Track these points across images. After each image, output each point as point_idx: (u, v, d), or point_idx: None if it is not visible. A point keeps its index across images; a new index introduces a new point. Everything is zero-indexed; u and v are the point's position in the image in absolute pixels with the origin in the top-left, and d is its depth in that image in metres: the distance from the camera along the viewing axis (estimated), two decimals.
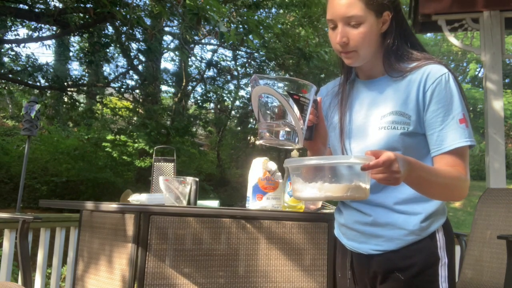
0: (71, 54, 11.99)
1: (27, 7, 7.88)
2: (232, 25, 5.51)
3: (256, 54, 11.43)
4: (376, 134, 1.17)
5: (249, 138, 14.86)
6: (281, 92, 1.05)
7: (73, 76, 11.98)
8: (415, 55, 1.19)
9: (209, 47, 13.50)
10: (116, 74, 12.07)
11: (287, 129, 1.06)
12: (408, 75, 1.16)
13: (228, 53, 13.04)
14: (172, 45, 11.85)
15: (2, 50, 9.62)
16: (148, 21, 8.33)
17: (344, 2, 1.11)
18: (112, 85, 11.60)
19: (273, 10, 10.88)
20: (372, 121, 1.18)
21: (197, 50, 13.06)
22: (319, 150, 1.23)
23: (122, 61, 12.21)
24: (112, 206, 1.76)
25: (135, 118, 12.08)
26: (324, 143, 1.23)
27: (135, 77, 12.28)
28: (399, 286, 1.14)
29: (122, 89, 11.70)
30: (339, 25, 1.13)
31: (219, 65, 12.89)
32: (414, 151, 1.14)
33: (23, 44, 8.93)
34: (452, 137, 1.11)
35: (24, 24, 8.60)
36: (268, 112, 1.07)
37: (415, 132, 1.15)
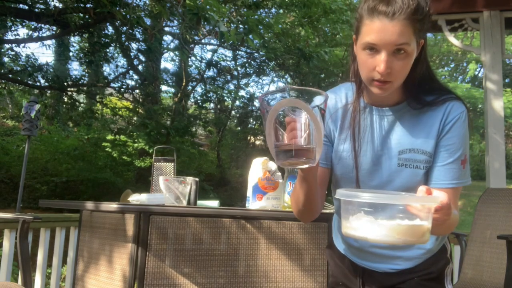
0: (71, 54, 11.99)
1: (27, 7, 7.88)
2: (232, 25, 5.51)
3: (256, 54, 11.44)
4: (395, 170, 1.13)
5: (249, 138, 14.87)
6: (315, 108, 0.91)
7: (73, 76, 11.98)
8: (434, 86, 1.15)
9: (209, 47, 13.52)
10: (116, 74, 12.08)
11: (309, 148, 0.93)
12: (428, 108, 1.12)
13: (228, 53, 13.06)
14: (172, 45, 11.85)
15: (2, 50, 9.62)
16: (148, 21, 8.34)
17: (396, 29, 0.98)
18: (112, 85, 11.61)
19: (273, 10, 10.88)
20: (390, 155, 1.14)
21: (197, 50, 13.07)
22: (314, 171, 1.06)
23: (122, 61, 12.22)
24: (112, 206, 1.76)
25: (135, 118, 12.09)
26: (319, 160, 1.11)
27: (135, 77, 12.29)
28: (411, 286, 1.19)
29: (122, 89, 11.71)
30: (383, 52, 1.00)
31: (219, 65, 12.89)
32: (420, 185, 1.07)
33: (23, 44, 8.93)
34: (452, 175, 1.11)
35: (24, 24, 8.60)
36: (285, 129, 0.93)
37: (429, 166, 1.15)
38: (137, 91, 12.15)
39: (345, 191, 0.90)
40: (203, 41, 11.85)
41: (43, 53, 31.83)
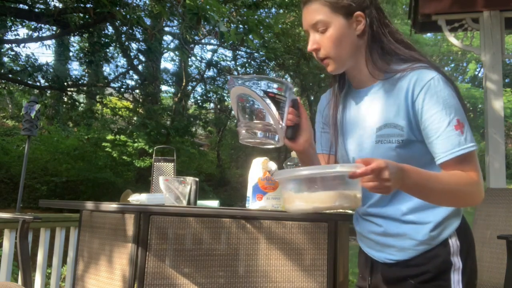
0: (71, 54, 12.00)
1: (27, 7, 7.89)
2: (232, 25, 5.51)
3: (256, 54, 11.45)
4: (373, 148, 1.14)
5: None
6: (257, 91, 1.05)
7: (73, 76, 11.99)
8: (402, 53, 1.14)
9: (209, 47, 13.54)
10: (116, 74, 12.09)
11: (265, 127, 1.07)
12: (397, 80, 1.12)
13: (228, 53, 13.07)
14: (172, 45, 11.86)
15: (2, 50, 9.62)
16: (148, 21, 8.34)
17: (310, 10, 1.12)
18: (112, 85, 11.62)
19: (273, 10, 10.88)
20: (369, 134, 1.15)
21: (197, 50, 13.08)
22: (305, 151, 1.19)
23: (122, 61, 12.23)
24: (112, 206, 1.76)
25: (135, 118, 12.09)
26: (311, 144, 1.20)
27: (135, 77, 12.31)
28: None
29: (122, 89, 11.71)
30: (310, 33, 1.14)
31: (219, 65, 12.90)
32: (414, 160, 1.09)
33: (23, 44, 8.93)
34: (449, 145, 1.06)
35: (24, 24, 8.60)
36: (246, 112, 1.08)
37: (410, 140, 1.11)
38: (137, 91, 12.16)
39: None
40: (203, 41, 11.87)
41: (43, 53, 31.87)
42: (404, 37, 1.17)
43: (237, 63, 12.91)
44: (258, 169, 1.91)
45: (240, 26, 5.66)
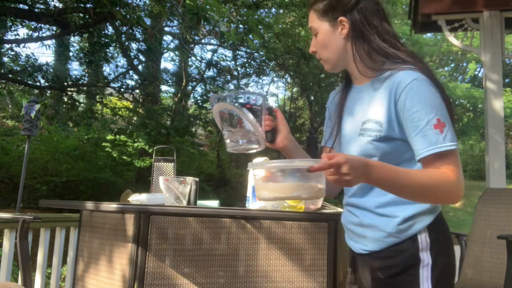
0: (71, 54, 12.00)
1: (27, 7, 7.89)
2: (232, 25, 5.51)
3: (256, 54, 11.45)
4: (357, 140, 1.21)
5: None
6: (236, 104, 1.22)
7: (73, 76, 11.99)
8: (389, 52, 1.19)
9: (209, 47, 13.54)
10: (116, 74, 12.08)
11: (247, 134, 1.23)
12: (385, 79, 1.18)
13: (228, 53, 13.07)
14: (172, 45, 11.86)
15: (2, 50, 9.62)
16: (148, 21, 8.34)
17: (309, 17, 1.30)
18: (112, 85, 11.62)
19: (273, 10, 10.88)
20: (356, 127, 1.23)
21: (197, 50, 13.08)
22: (285, 147, 1.32)
23: (122, 61, 12.23)
24: (112, 206, 1.76)
25: (135, 118, 12.09)
26: (289, 139, 1.32)
27: (135, 77, 12.30)
28: (379, 284, 1.19)
29: (122, 89, 11.71)
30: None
31: (219, 65, 12.90)
32: (392, 156, 1.16)
33: (23, 44, 8.93)
34: (426, 143, 1.09)
35: (24, 24, 8.60)
36: (229, 124, 1.24)
37: (389, 136, 1.15)
38: (137, 91, 12.16)
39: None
40: (203, 41, 11.87)
41: (43, 53, 31.83)
42: (393, 37, 1.22)
43: (237, 63, 12.92)
44: None
45: (240, 26, 5.66)
